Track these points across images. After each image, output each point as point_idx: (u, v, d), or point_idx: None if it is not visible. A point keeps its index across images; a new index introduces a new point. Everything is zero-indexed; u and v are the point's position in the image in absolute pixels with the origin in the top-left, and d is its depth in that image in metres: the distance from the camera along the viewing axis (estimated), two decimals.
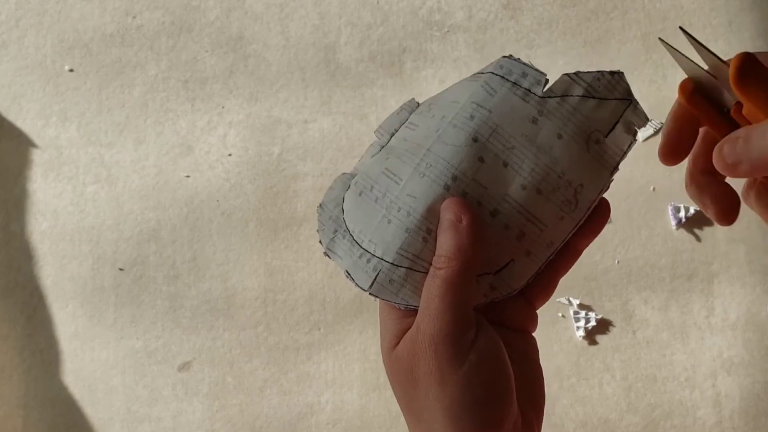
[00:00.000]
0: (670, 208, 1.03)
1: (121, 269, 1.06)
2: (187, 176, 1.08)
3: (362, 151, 1.08)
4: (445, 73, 1.09)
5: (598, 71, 0.35)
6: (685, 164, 0.39)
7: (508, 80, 0.36)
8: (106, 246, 1.06)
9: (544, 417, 0.38)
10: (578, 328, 1.02)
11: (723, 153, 0.33)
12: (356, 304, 1.04)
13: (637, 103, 0.36)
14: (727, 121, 0.35)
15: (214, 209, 1.07)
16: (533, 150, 0.35)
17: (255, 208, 1.07)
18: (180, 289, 1.05)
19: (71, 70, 1.11)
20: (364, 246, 0.37)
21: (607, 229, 1.04)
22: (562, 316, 1.02)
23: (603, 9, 1.10)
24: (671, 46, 0.36)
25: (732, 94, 0.34)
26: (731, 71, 0.33)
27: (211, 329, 1.04)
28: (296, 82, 1.10)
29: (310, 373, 1.02)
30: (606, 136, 0.36)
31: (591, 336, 1.02)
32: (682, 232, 1.04)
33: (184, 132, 1.09)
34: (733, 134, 0.33)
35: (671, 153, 0.38)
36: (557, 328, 1.02)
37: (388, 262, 0.36)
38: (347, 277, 0.38)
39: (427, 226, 0.36)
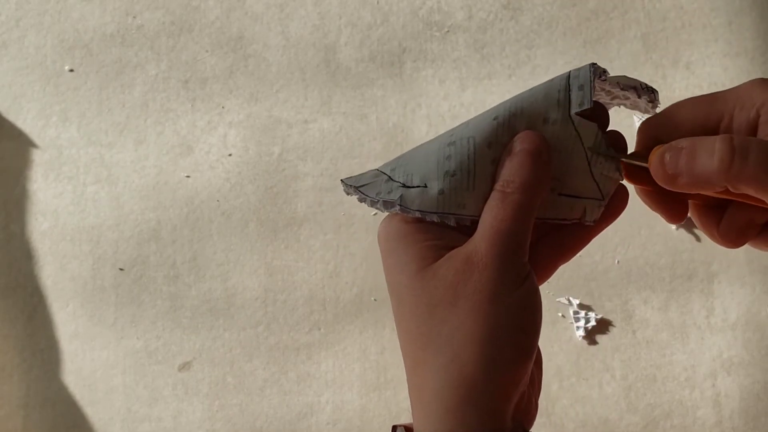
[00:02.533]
0: None
1: (121, 269, 1.06)
2: (188, 176, 1.08)
3: (362, 151, 1.09)
4: (445, 73, 1.09)
5: (617, 158, 0.36)
6: None
7: (568, 81, 0.36)
8: (106, 246, 1.06)
9: (544, 417, 0.38)
10: (578, 328, 1.02)
11: (664, 162, 0.34)
12: (356, 304, 1.04)
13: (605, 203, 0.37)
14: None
15: (214, 209, 1.07)
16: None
17: (255, 208, 1.07)
18: (180, 289, 1.05)
19: (71, 70, 1.11)
20: (398, 179, 0.36)
21: (607, 229, 1.04)
22: (562, 316, 1.02)
23: (603, 9, 1.10)
24: (612, 156, 0.37)
25: None
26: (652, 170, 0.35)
27: (211, 329, 1.04)
28: (296, 82, 1.10)
29: (310, 373, 1.02)
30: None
31: (591, 336, 1.02)
32: (682, 232, 1.04)
33: (184, 132, 1.09)
34: (676, 143, 0.34)
35: (672, 219, 0.39)
36: (557, 328, 1.02)
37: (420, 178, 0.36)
38: (375, 205, 0.36)
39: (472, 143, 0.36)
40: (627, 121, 1.04)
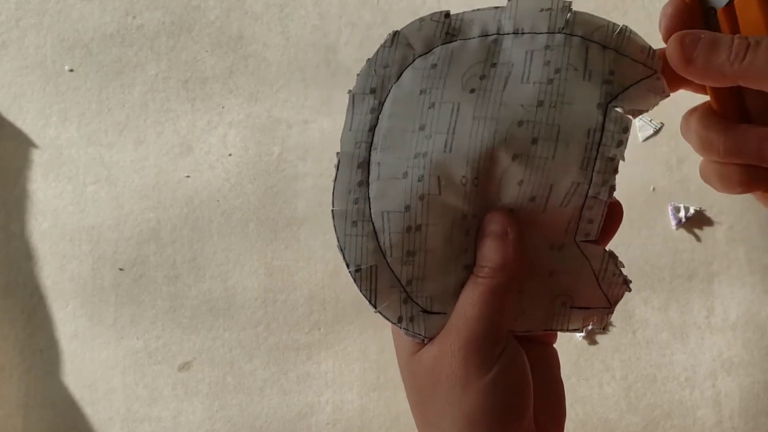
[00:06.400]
0: (669, 208, 1.03)
1: (121, 269, 1.06)
2: (187, 176, 1.08)
3: None
4: None
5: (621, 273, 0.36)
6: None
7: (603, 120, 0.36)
8: (106, 246, 1.06)
9: None
10: None
11: (684, 43, 0.34)
12: (356, 304, 1.04)
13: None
14: (705, 26, 0.36)
15: (214, 209, 1.07)
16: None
17: (255, 208, 1.07)
18: (180, 289, 1.05)
19: (71, 70, 1.11)
20: (417, 299, 0.36)
21: None
22: None
23: (603, 9, 1.10)
24: None
25: None
26: None
27: (211, 329, 1.04)
28: (296, 82, 1.10)
29: (310, 373, 1.02)
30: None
31: (591, 336, 1.02)
32: (682, 232, 1.04)
33: (184, 132, 1.09)
34: (697, 31, 0.34)
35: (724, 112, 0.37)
36: None
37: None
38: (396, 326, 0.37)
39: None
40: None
